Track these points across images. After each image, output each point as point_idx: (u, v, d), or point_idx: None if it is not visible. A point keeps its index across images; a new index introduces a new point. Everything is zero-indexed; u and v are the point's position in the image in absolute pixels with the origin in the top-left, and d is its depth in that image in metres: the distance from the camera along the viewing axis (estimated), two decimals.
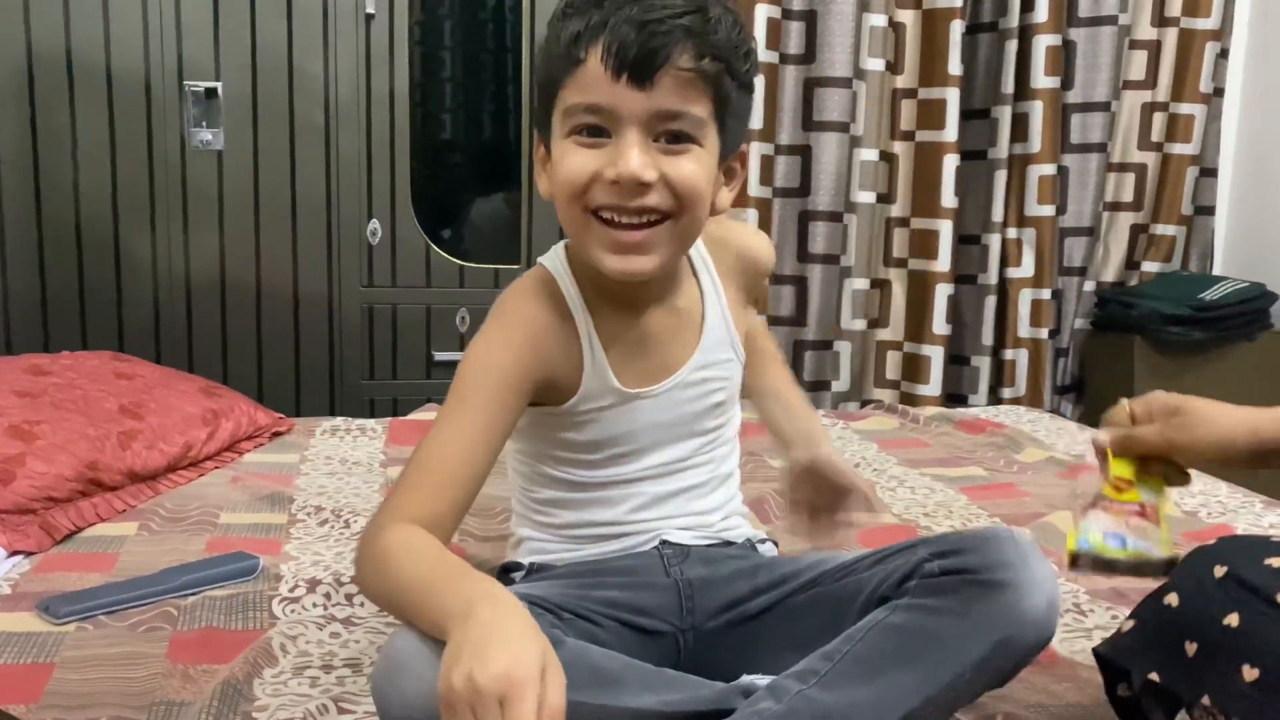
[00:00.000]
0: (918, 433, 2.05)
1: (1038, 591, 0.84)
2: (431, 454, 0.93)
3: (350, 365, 2.51)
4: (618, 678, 0.85)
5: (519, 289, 1.01)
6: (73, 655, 1.04)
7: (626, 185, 0.89)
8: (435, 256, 2.53)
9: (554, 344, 0.99)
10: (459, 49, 2.84)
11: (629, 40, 0.87)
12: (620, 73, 0.87)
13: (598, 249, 0.93)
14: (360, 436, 1.92)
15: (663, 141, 0.90)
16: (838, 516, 1.12)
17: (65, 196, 2.34)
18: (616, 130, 0.90)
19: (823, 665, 0.85)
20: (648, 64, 0.87)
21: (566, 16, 0.91)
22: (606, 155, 0.90)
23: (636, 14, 0.87)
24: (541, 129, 0.98)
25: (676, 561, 1.02)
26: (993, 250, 2.64)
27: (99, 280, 2.37)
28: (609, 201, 0.91)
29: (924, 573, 0.87)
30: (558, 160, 0.93)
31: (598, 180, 0.90)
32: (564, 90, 0.91)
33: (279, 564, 1.28)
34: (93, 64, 2.31)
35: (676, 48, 0.88)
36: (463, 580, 0.80)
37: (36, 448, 1.45)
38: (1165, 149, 2.73)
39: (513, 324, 0.98)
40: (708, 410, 1.06)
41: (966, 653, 0.83)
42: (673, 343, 1.03)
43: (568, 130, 0.92)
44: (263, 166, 2.42)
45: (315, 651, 1.05)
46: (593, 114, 0.90)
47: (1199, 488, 1.66)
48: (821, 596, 0.96)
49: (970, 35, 2.61)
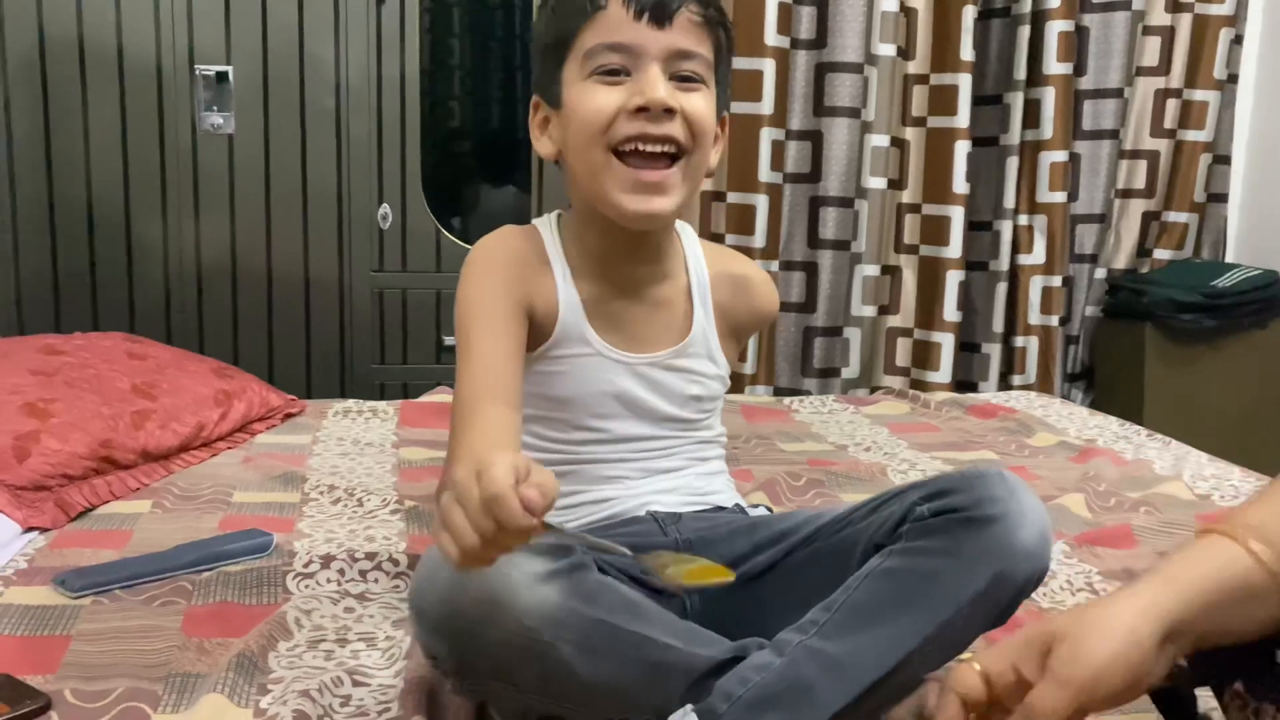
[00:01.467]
0: (929, 417, 2.05)
1: (1028, 524, 0.84)
2: (464, 395, 0.97)
3: (361, 349, 2.52)
4: (645, 610, 0.86)
5: (490, 235, 1.07)
6: (89, 628, 1.04)
7: (654, 111, 0.96)
8: (445, 241, 2.53)
9: (531, 276, 1.04)
10: (469, 35, 2.83)
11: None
12: (642, 13, 0.96)
13: (617, 191, 0.98)
14: (372, 418, 1.92)
15: (677, 80, 0.98)
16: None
17: (77, 180, 2.35)
18: (637, 67, 0.97)
19: (822, 616, 0.85)
20: (665, 5, 0.97)
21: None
22: (629, 90, 0.97)
23: None
24: (545, 89, 1.03)
25: (672, 523, 1.04)
26: (1004, 237, 2.63)
27: (111, 263, 2.38)
28: (634, 131, 0.97)
29: (915, 516, 0.88)
30: (577, 102, 0.98)
31: (622, 112, 0.97)
32: (582, 36, 0.98)
33: (292, 541, 1.28)
34: (104, 48, 2.32)
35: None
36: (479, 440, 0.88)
37: (51, 425, 1.45)
38: (1178, 136, 2.71)
39: (489, 258, 1.04)
40: (684, 400, 1.08)
41: (962, 589, 0.84)
42: (651, 330, 1.07)
43: (588, 72, 0.98)
44: (274, 150, 2.42)
45: (330, 625, 1.06)
46: (615, 52, 0.97)
47: (1211, 471, 1.65)
48: (821, 551, 0.97)
49: (982, 20, 2.59)
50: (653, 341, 1.07)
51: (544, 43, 1.02)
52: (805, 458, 1.73)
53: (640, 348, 1.07)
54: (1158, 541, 1.34)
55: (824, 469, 1.64)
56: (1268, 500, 0.72)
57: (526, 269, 1.04)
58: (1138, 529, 1.37)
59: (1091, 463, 1.69)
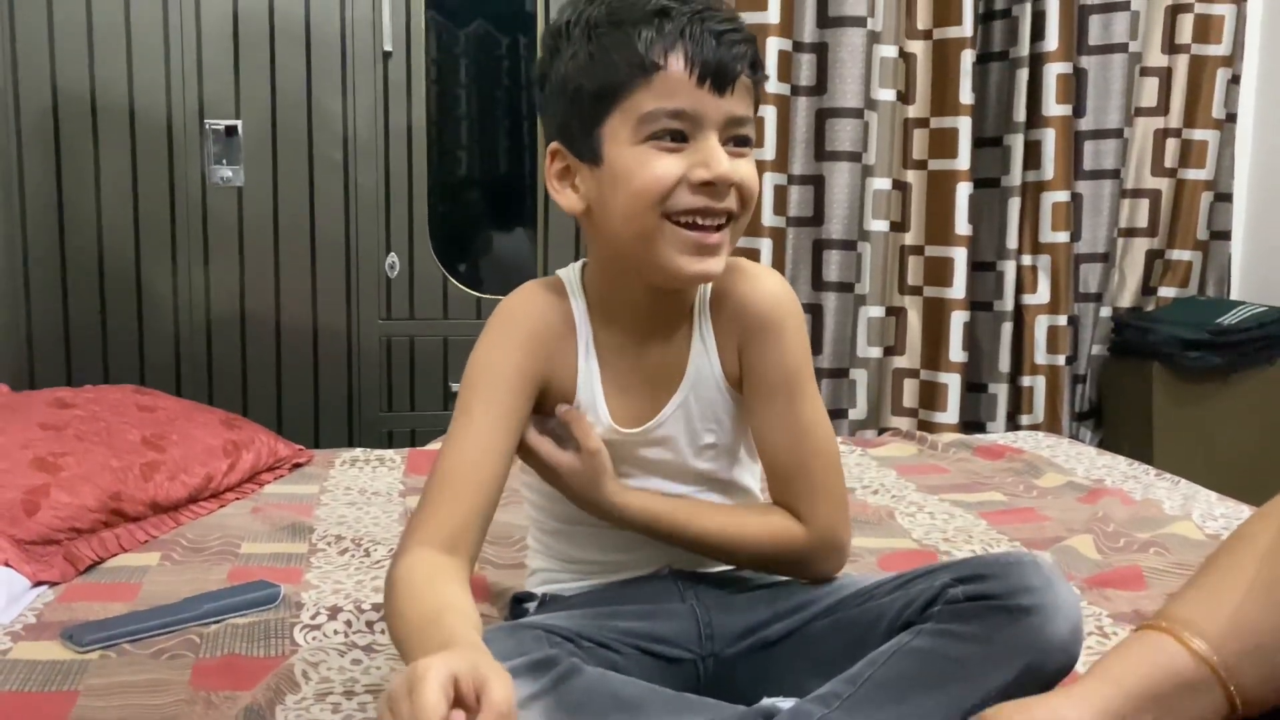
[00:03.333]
0: (936, 458, 2.05)
1: (1062, 617, 0.83)
2: (443, 467, 0.94)
3: (368, 397, 2.53)
4: (639, 703, 0.85)
5: (521, 293, 1.03)
6: (96, 683, 1.04)
7: (721, 187, 0.92)
8: (452, 289, 2.55)
9: (553, 348, 1.00)
10: (475, 86, 2.88)
11: (711, 49, 0.91)
12: (705, 79, 0.91)
13: (674, 253, 0.93)
14: (379, 467, 1.92)
15: (730, 145, 0.94)
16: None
17: (88, 232, 2.38)
18: (696, 135, 0.93)
19: (846, 689, 0.84)
20: (727, 71, 0.92)
21: (620, 24, 0.92)
22: (688, 160, 0.92)
23: (711, 26, 0.92)
24: (574, 141, 0.96)
25: (691, 587, 1.02)
26: (1008, 277, 2.64)
27: (121, 315, 2.41)
28: (696, 205, 0.93)
29: (948, 598, 0.86)
30: (632, 168, 0.93)
31: (683, 183, 0.92)
32: (636, 95, 0.92)
33: (300, 592, 1.28)
34: (116, 103, 2.36)
35: (743, 59, 0.93)
36: (432, 634, 0.78)
37: (60, 479, 1.46)
38: (1179, 174, 2.73)
39: (512, 325, 1.00)
40: (698, 450, 1.04)
41: (990, 679, 0.83)
42: (660, 376, 1.03)
43: (644, 136, 0.92)
44: (282, 202, 2.45)
45: (337, 678, 1.05)
46: (676, 119, 0.92)
47: (1221, 510, 1.65)
48: (842, 622, 0.96)
49: (981, 64, 2.63)
50: (661, 393, 1.02)
51: (579, 91, 0.94)
52: None
53: (651, 409, 1.02)
54: (1168, 582, 1.33)
55: None
56: (1199, 591, 0.72)
57: (548, 341, 1.00)
58: (1147, 570, 1.36)
59: (1100, 503, 1.68)
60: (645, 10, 0.92)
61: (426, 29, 2.52)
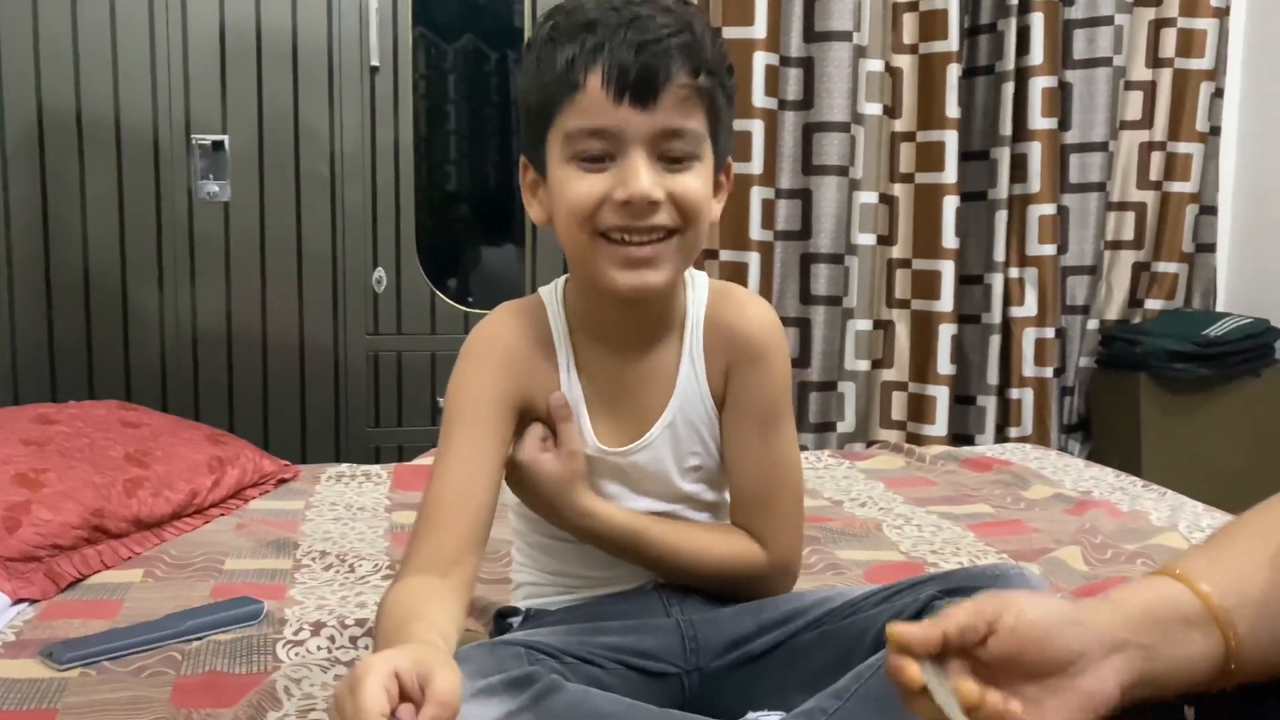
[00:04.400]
0: (924, 471, 2.05)
1: None
2: (431, 497, 0.94)
3: (356, 413, 2.52)
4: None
5: (492, 318, 1.02)
6: (76, 701, 1.03)
7: (638, 205, 0.90)
8: (440, 303, 2.54)
9: (529, 369, 1.00)
10: (463, 101, 2.88)
11: (629, 62, 0.88)
12: (623, 94, 0.88)
13: (607, 267, 0.93)
14: (365, 482, 1.91)
15: (666, 160, 0.91)
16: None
17: (74, 249, 2.37)
18: (621, 151, 0.90)
19: (832, 704, 0.84)
20: (650, 84, 0.88)
21: (554, 41, 0.91)
22: (613, 178, 0.90)
23: (632, 36, 0.88)
24: (531, 154, 0.97)
25: (676, 601, 1.02)
26: (995, 290, 2.65)
27: (107, 331, 2.39)
28: (619, 223, 0.91)
29: (934, 610, 0.86)
30: (560, 186, 0.92)
31: (606, 202, 0.90)
32: (561, 115, 0.91)
33: (283, 608, 1.27)
34: (102, 119, 2.35)
35: (675, 66, 0.89)
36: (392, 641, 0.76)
37: (42, 495, 1.45)
38: (1164, 187, 2.75)
39: (484, 349, 0.99)
40: (684, 471, 1.03)
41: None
42: (647, 395, 1.02)
43: (569, 155, 0.91)
44: (269, 218, 2.45)
45: (319, 694, 1.04)
46: (597, 138, 0.90)
47: (1207, 521, 1.65)
48: (828, 635, 0.95)
49: (967, 78, 2.64)
50: (646, 411, 1.01)
51: (527, 109, 0.95)
52: None
53: (635, 427, 1.01)
54: None
55: (820, 525, 1.63)
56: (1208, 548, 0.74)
57: (525, 363, 0.99)
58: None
59: (1088, 514, 1.68)
60: (576, 24, 0.90)
61: (414, 44, 2.53)
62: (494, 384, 0.97)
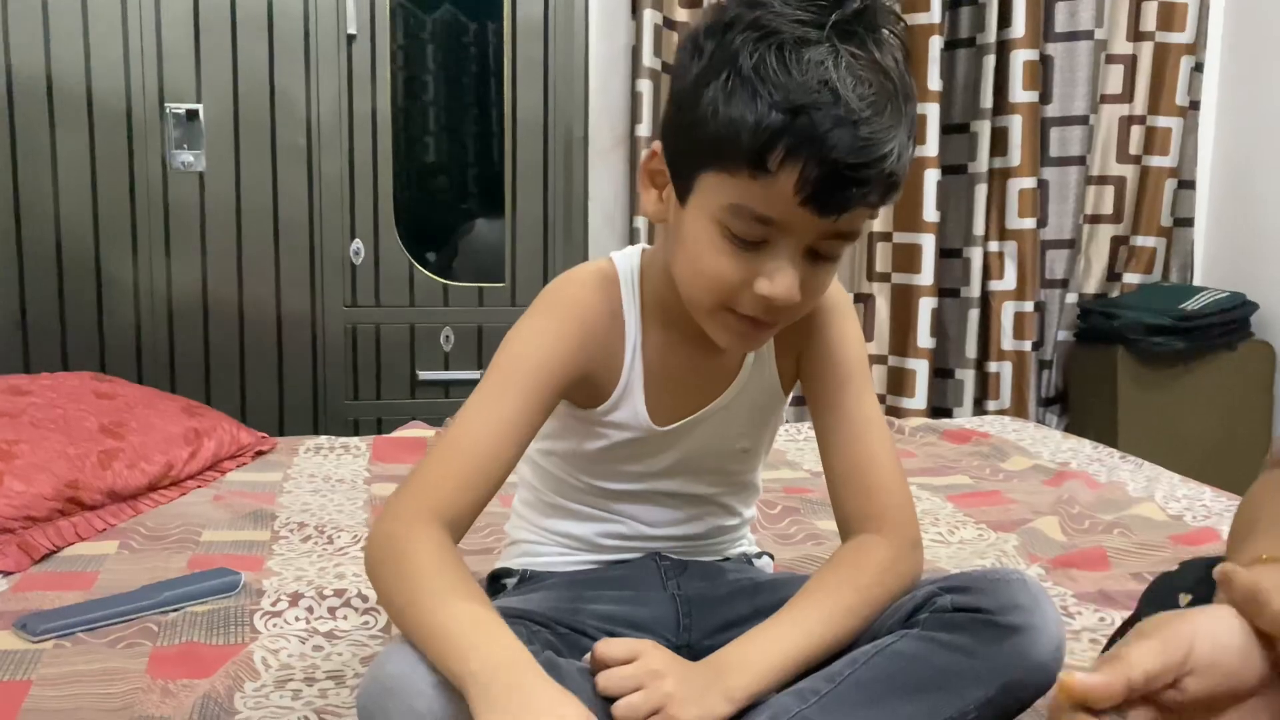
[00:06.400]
0: (904, 443, 2.05)
1: (1047, 637, 0.83)
2: (466, 437, 0.88)
3: (334, 385, 2.50)
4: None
5: (578, 278, 0.96)
6: (50, 672, 1.02)
7: (779, 306, 0.84)
8: (419, 276, 2.52)
9: (601, 341, 0.95)
10: (442, 72, 2.85)
11: (832, 177, 0.78)
12: (810, 202, 0.79)
13: (720, 330, 0.88)
14: (344, 454, 1.90)
15: (812, 257, 0.84)
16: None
17: (46, 218, 2.34)
18: (777, 241, 0.82)
19: (824, 686, 0.83)
20: (844, 203, 0.80)
21: (758, 81, 0.77)
22: (758, 265, 0.83)
23: (847, 144, 0.77)
24: (676, 165, 0.86)
25: (674, 575, 1.01)
26: (975, 264, 2.65)
27: (80, 302, 2.36)
28: (751, 313, 0.85)
29: (936, 606, 0.85)
30: (697, 244, 0.84)
31: (745, 288, 0.84)
32: (735, 178, 0.80)
33: (261, 579, 1.26)
34: (73, 87, 2.31)
35: (874, 196, 0.81)
36: (490, 639, 0.74)
37: (15, 467, 1.43)
38: (1144, 161, 2.75)
39: (566, 314, 0.93)
40: (732, 453, 1.02)
41: (970, 692, 0.82)
42: (707, 378, 0.99)
43: (723, 220, 0.82)
44: (244, 188, 2.42)
45: (298, 665, 1.04)
46: (762, 224, 0.81)
47: (1183, 491, 1.66)
48: None
49: (948, 51, 2.63)
50: (705, 392, 0.99)
51: (692, 125, 0.81)
52: (781, 485, 1.73)
53: (692, 406, 0.98)
54: (1131, 563, 1.34)
55: (800, 497, 1.63)
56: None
57: (598, 337, 0.94)
58: (1111, 551, 1.37)
59: (1065, 485, 1.69)
60: (788, 88, 0.76)
61: (392, 13, 2.49)
62: (563, 352, 0.91)
